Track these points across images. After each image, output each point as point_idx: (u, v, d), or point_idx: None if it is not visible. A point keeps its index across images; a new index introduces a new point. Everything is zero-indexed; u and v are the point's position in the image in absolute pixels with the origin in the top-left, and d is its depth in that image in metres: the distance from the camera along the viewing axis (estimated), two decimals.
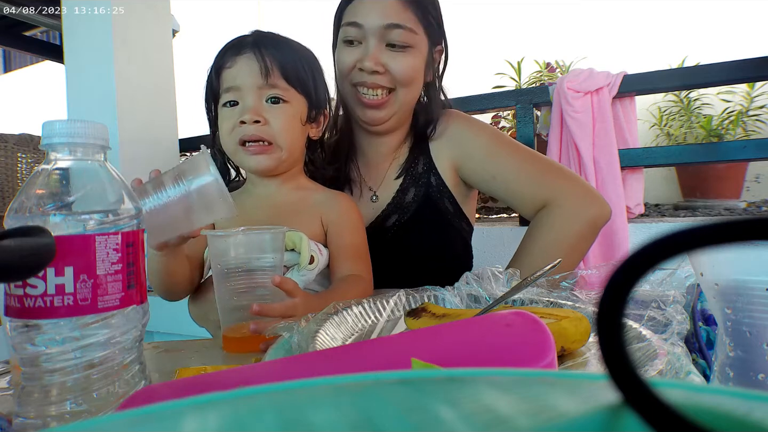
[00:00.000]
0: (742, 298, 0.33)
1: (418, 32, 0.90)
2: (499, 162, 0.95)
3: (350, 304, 0.61)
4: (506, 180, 0.94)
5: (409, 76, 0.91)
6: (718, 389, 0.15)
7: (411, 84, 0.93)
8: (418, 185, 0.98)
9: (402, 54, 0.90)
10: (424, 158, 0.99)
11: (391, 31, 0.88)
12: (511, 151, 0.96)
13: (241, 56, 0.79)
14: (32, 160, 2.13)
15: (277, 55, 0.79)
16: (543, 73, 2.22)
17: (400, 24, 0.88)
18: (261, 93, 0.79)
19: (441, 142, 0.99)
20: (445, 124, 1.00)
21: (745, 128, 2.12)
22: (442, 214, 0.98)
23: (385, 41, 0.89)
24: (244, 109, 0.79)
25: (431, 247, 0.97)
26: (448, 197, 0.98)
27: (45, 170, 0.41)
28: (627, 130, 1.56)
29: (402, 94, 0.93)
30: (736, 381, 0.34)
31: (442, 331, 0.35)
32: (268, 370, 0.35)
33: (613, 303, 0.13)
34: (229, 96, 0.80)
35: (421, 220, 0.97)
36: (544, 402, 0.13)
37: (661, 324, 0.48)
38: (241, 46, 0.81)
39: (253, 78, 0.78)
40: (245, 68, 0.79)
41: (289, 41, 0.85)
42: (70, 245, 0.38)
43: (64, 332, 0.38)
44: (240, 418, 0.13)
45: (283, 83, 0.80)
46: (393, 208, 0.98)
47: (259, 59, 0.78)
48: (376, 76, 0.90)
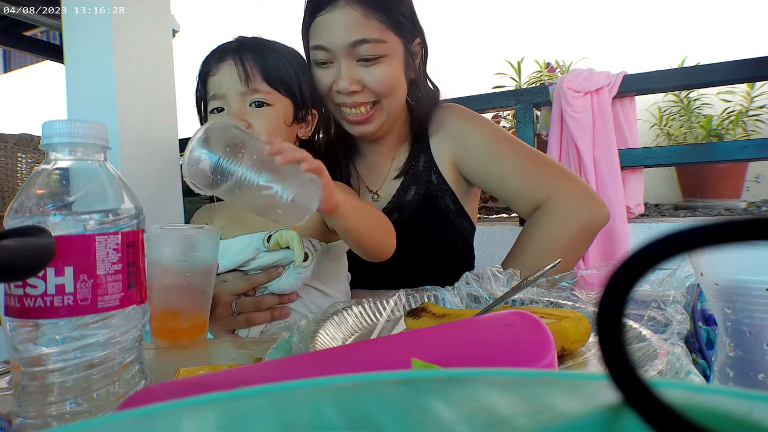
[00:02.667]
0: (742, 298, 0.33)
1: (388, 39, 0.87)
2: (497, 159, 0.94)
3: (350, 304, 0.61)
4: (503, 178, 0.94)
5: (387, 86, 0.88)
6: (718, 389, 0.15)
7: (393, 93, 0.90)
8: (419, 183, 0.98)
9: (376, 66, 0.87)
10: (425, 156, 0.99)
11: (358, 47, 0.85)
12: (509, 148, 0.95)
13: (223, 63, 0.81)
14: (32, 160, 2.13)
15: (257, 60, 0.81)
16: (543, 73, 2.22)
17: (366, 38, 0.84)
18: (244, 98, 0.80)
19: (440, 137, 0.98)
20: (444, 119, 0.99)
21: (745, 128, 2.12)
22: (442, 212, 0.97)
23: (355, 57, 0.86)
24: (229, 114, 0.80)
25: (432, 245, 0.97)
26: (449, 195, 0.98)
27: (45, 170, 0.41)
28: (627, 130, 1.56)
29: (387, 104, 0.91)
30: (736, 381, 0.34)
31: (442, 331, 0.35)
32: (268, 370, 0.35)
33: (613, 303, 0.13)
34: (216, 103, 0.82)
35: (421, 219, 0.96)
36: (544, 402, 0.13)
37: (661, 324, 0.48)
38: (223, 53, 0.82)
39: (234, 84, 0.80)
40: (227, 75, 0.80)
41: (273, 44, 0.86)
42: (70, 245, 0.38)
43: (64, 332, 0.38)
44: (240, 418, 0.13)
45: (265, 87, 0.81)
46: (393, 206, 0.98)
47: (238, 65, 0.80)
48: (355, 96, 0.88)
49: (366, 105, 0.90)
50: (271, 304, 0.79)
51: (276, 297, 0.79)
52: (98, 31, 1.85)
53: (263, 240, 0.77)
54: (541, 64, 2.27)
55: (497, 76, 2.30)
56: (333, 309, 0.58)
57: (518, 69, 2.27)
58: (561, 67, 2.24)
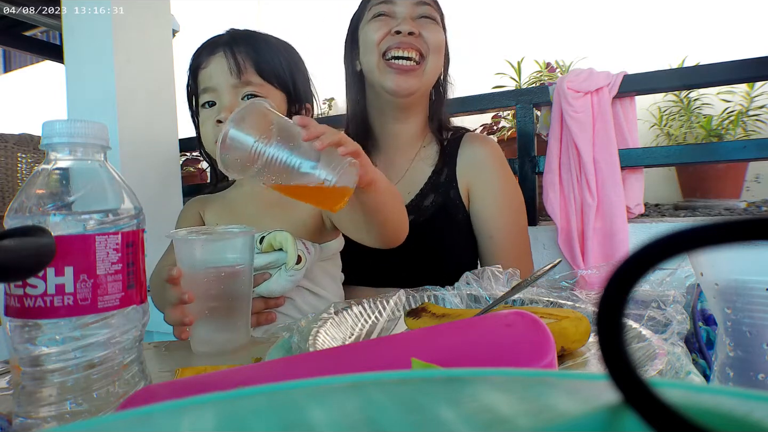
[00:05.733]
0: (742, 298, 0.33)
1: (439, 16, 0.98)
2: (498, 216, 0.99)
3: (350, 304, 0.61)
4: (493, 234, 0.98)
5: (439, 43, 0.96)
6: (718, 389, 0.15)
7: (439, 53, 0.97)
8: (437, 193, 1.00)
9: (432, 23, 0.96)
10: (449, 170, 1.01)
11: (420, 6, 0.95)
12: (514, 216, 1.00)
13: (215, 56, 0.80)
14: (32, 160, 2.13)
15: (250, 52, 0.80)
16: (543, 73, 2.22)
17: (427, 1, 0.96)
18: (236, 91, 0.79)
19: (469, 163, 1.01)
20: (481, 148, 1.02)
21: (745, 128, 2.12)
22: (455, 223, 0.99)
23: (415, 15, 0.95)
24: (220, 108, 0.79)
25: (441, 250, 0.98)
26: (462, 213, 1.00)
27: (45, 170, 0.41)
28: (627, 130, 1.56)
29: (431, 63, 0.96)
30: (736, 381, 0.34)
31: (442, 331, 0.35)
32: (268, 370, 0.35)
33: (613, 303, 0.13)
34: (207, 97, 0.81)
35: (435, 225, 0.98)
36: (544, 402, 0.13)
37: (661, 324, 0.48)
38: (214, 45, 0.81)
39: (226, 77, 0.78)
40: (218, 68, 0.79)
41: (265, 37, 0.85)
42: (70, 245, 0.38)
43: (64, 332, 0.38)
44: (240, 418, 0.13)
45: (258, 79, 0.80)
46: (411, 209, 0.99)
47: (230, 58, 0.78)
48: (411, 38, 0.93)
49: (417, 52, 0.95)
50: (258, 309, 0.77)
51: (263, 302, 0.77)
52: (98, 31, 1.85)
53: (256, 241, 0.75)
54: (541, 64, 2.27)
55: (497, 76, 2.30)
56: (333, 309, 0.58)
57: (518, 69, 2.27)
58: (561, 67, 2.24)
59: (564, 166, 1.56)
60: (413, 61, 0.94)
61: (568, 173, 1.54)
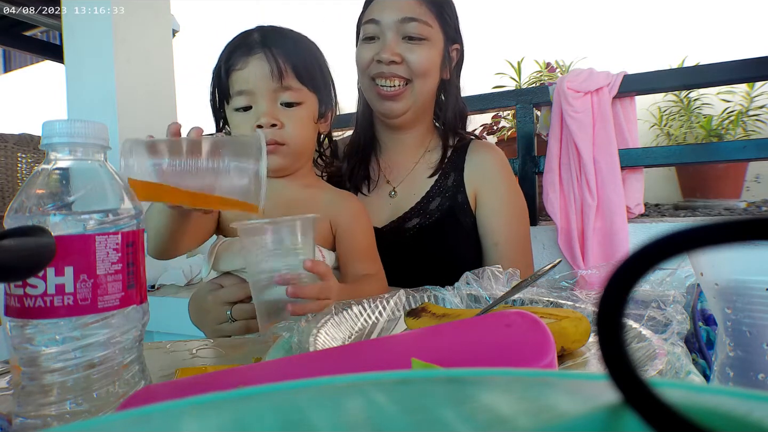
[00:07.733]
0: (742, 298, 0.33)
1: (433, 26, 0.95)
2: (504, 222, 0.99)
3: (350, 303, 0.61)
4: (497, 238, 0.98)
5: (424, 67, 0.94)
6: (718, 389, 0.15)
7: (427, 75, 0.96)
8: (444, 197, 1.00)
9: (418, 46, 0.93)
10: (456, 175, 1.02)
11: (406, 24, 0.92)
12: (517, 222, 1.01)
13: (252, 57, 0.76)
14: (32, 160, 2.13)
15: (289, 54, 0.77)
16: (543, 73, 2.22)
17: (415, 17, 0.92)
18: (275, 96, 0.77)
19: (477, 169, 1.02)
20: (489, 155, 1.03)
21: (745, 128, 2.12)
22: (462, 226, 1.00)
23: (401, 34, 0.93)
24: (258, 113, 0.76)
25: (448, 253, 0.99)
26: (469, 217, 1.00)
27: (45, 170, 0.41)
28: (627, 130, 1.56)
29: (418, 86, 0.95)
30: (736, 381, 0.34)
31: (442, 331, 0.35)
32: (268, 370, 0.35)
33: (613, 303, 0.13)
34: (242, 101, 0.77)
35: (441, 228, 0.99)
36: (544, 402, 0.13)
37: (661, 324, 0.47)
38: (250, 45, 0.77)
39: (266, 81, 0.75)
40: (258, 71, 0.76)
41: (296, 36, 0.84)
42: (70, 245, 0.38)
43: (64, 332, 0.38)
44: (240, 418, 0.13)
45: (297, 83, 0.78)
46: (416, 212, 0.99)
47: (271, 61, 0.75)
48: (393, 66, 0.93)
49: (401, 80, 0.94)
50: None
51: None
52: (98, 31, 1.85)
53: None
54: (541, 64, 2.27)
55: (497, 76, 2.30)
56: (333, 309, 0.58)
57: (518, 69, 2.27)
58: (561, 67, 2.24)
59: (564, 166, 1.56)
60: (398, 87, 0.94)
61: (568, 173, 1.54)
